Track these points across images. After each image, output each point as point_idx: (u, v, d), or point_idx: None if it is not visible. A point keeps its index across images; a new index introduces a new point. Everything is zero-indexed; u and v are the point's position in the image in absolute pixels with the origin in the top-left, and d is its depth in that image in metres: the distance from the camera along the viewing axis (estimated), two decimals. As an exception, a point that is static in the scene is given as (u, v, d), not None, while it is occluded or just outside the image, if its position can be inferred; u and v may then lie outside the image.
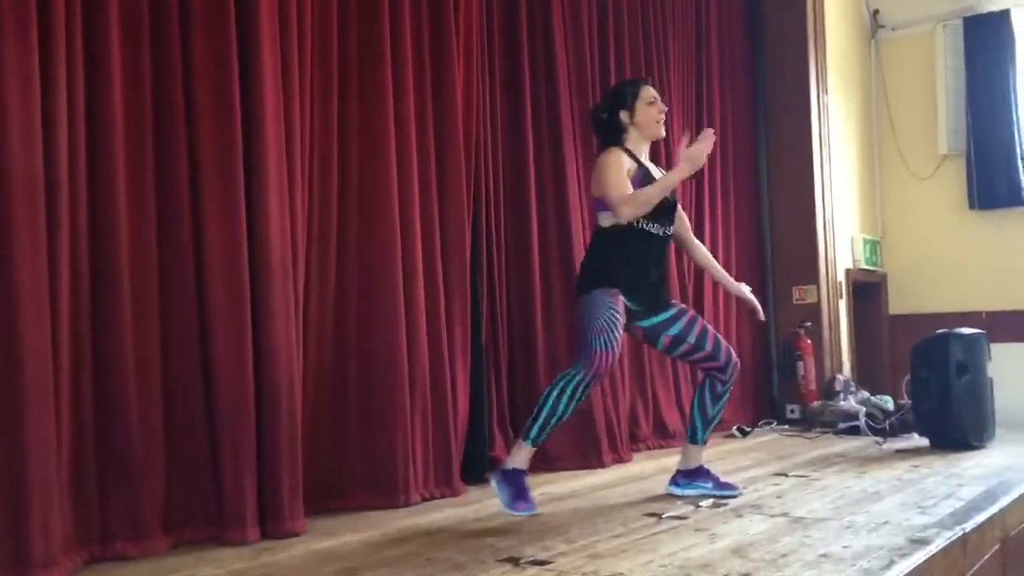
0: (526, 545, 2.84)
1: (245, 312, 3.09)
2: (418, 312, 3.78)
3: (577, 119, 4.86)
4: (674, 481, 3.70)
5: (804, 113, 6.82)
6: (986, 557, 3.06)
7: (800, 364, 6.55)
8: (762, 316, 3.87)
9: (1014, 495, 3.53)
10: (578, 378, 3.30)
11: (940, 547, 2.70)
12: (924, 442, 5.05)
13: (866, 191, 7.58)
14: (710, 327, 3.65)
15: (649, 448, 5.19)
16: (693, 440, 3.68)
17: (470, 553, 2.77)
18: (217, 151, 3.10)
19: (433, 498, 3.72)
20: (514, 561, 2.64)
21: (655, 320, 3.55)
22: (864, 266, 7.35)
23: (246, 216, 3.14)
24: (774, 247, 6.92)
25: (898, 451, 4.92)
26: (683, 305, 3.74)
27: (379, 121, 3.71)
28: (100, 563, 2.72)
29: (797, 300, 6.79)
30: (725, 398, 3.67)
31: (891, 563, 2.50)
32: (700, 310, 5.98)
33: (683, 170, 3.43)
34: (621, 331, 3.41)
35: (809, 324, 6.65)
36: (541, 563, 2.62)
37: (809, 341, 6.58)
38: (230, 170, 3.11)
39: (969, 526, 2.96)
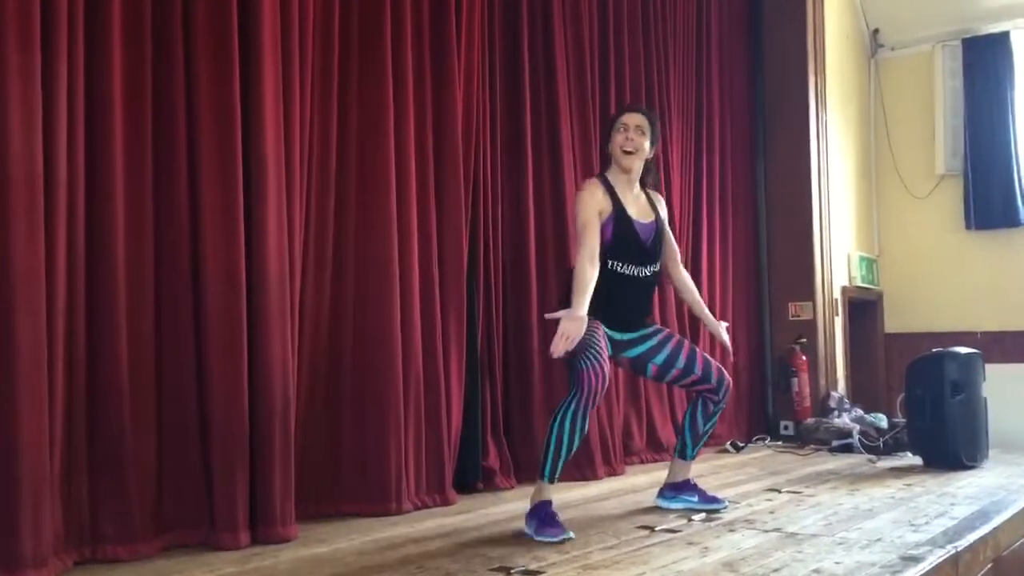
0: (518, 555, 2.84)
1: (241, 316, 3.09)
2: (414, 320, 3.78)
3: (576, 131, 4.88)
4: (661, 494, 3.71)
5: (803, 131, 6.84)
6: (978, 576, 3.06)
7: (795, 381, 6.55)
8: (731, 356, 3.95)
9: (1007, 515, 3.52)
10: (573, 406, 3.19)
11: (932, 565, 2.69)
12: (917, 461, 5.05)
13: (863, 209, 7.61)
14: (698, 349, 3.62)
15: (643, 461, 5.18)
16: (682, 455, 3.70)
17: (461, 562, 2.76)
18: (216, 155, 3.11)
19: (425, 507, 3.72)
20: (506, 571, 2.64)
21: (640, 349, 3.52)
22: (860, 284, 7.36)
23: (244, 221, 3.14)
24: (771, 263, 6.93)
25: (891, 469, 4.92)
26: (667, 330, 3.67)
27: (378, 128, 3.72)
28: (90, 564, 2.72)
29: (793, 316, 6.80)
30: (716, 416, 3.66)
31: (883, 580, 2.50)
32: (696, 327, 5.99)
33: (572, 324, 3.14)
34: (606, 352, 3.31)
35: (804, 341, 6.66)
36: (532, 573, 2.61)
37: (804, 358, 6.59)
38: (229, 176, 3.12)
39: (961, 544, 2.96)
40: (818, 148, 6.89)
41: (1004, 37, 7.17)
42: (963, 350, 5.06)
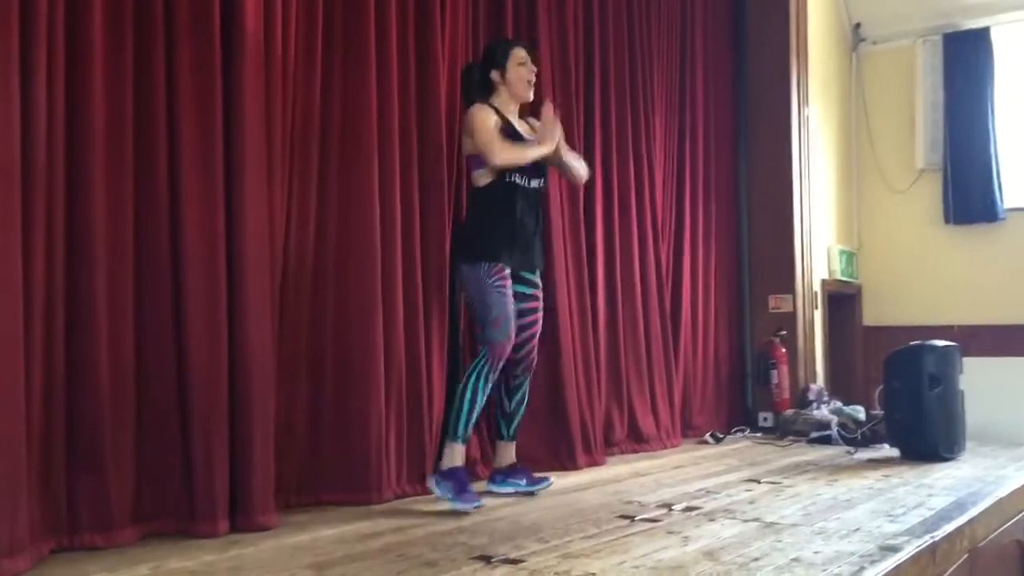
0: (498, 544, 2.84)
1: (221, 304, 3.07)
2: (395, 307, 3.77)
3: (559, 115, 4.85)
4: (491, 479, 3.83)
5: (784, 124, 6.85)
6: (955, 566, 3.09)
7: (774, 372, 6.58)
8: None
9: (983, 506, 3.56)
10: (485, 370, 3.53)
11: (910, 554, 2.72)
12: (895, 452, 5.08)
13: (843, 203, 7.65)
14: (537, 326, 3.82)
15: (623, 452, 5.19)
16: (501, 437, 3.87)
17: (442, 550, 2.76)
18: (197, 140, 3.08)
19: (406, 495, 3.71)
20: (486, 559, 2.63)
21: (520, 287, 3.75)
22: (840, 277, 7.40)
23: (224, 208, 3.12)
24: (751, 255, 6.95)
25: (869, 461, 4.95)
26: (540, 296, 3.86)
27: (361, 111, 3.70)
28: (67, 552, 2.69)
29: (773, 309, 6.82)
30: (522, 395, 3.85)
31: (861, 569, 2.51)
32: (677, 319, 6.02)
33: (545, 147, 3.69)
34: (513, 309, 3.62)
35: (784, 333, 6.68)
36: (513, 562, 2.61)
37: (784, 350, 6.61)
38: (210, 162, 3.09)
39: (939, 535, 2.99)
40: (799, 142, 6.91)
41: (984, 33, 7.21)
42: (941, 343, 5.10)
